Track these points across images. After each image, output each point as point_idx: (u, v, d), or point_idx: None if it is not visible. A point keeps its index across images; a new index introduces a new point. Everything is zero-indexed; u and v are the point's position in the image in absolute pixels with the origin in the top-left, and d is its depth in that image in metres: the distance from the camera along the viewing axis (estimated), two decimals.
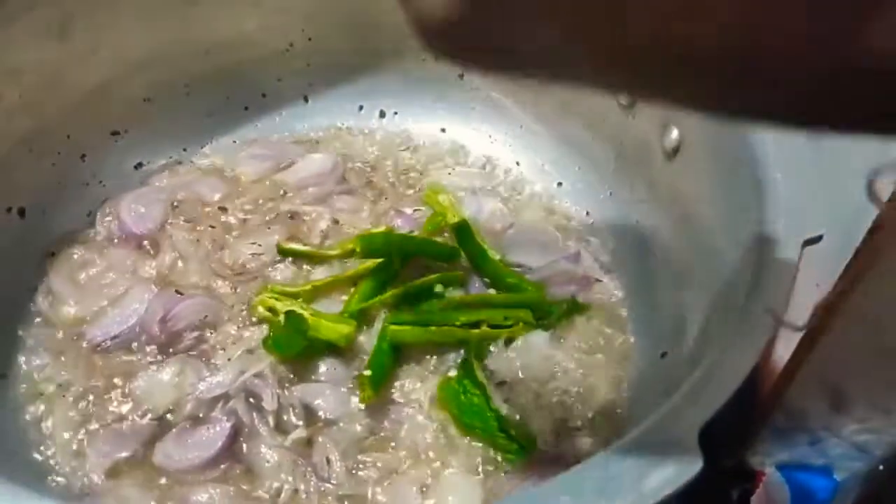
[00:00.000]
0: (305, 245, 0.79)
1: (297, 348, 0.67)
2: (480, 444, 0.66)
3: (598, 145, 0.85)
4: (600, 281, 0.80)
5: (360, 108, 0.93)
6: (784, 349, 0.69)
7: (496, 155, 0.91)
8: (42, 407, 0.67)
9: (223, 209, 0.83)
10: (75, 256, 0.78)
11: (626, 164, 0.82)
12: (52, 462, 0.64)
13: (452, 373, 0.70)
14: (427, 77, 0.92)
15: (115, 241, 0.79)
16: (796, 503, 0.74)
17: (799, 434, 0.74)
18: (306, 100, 0.93)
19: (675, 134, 0.73)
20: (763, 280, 0.54)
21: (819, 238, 0.55)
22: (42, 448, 0.65)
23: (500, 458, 0.65)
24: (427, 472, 0.64)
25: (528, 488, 0.60)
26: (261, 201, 0.84)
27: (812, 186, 0.58)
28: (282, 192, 0.86)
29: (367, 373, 0.67)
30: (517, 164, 0.91)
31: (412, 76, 0.92)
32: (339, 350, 0.69)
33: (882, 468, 0.70)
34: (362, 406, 0.67)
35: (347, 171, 0.88)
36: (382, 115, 0.93)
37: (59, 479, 0.63)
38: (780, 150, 0.60)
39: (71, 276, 0.76)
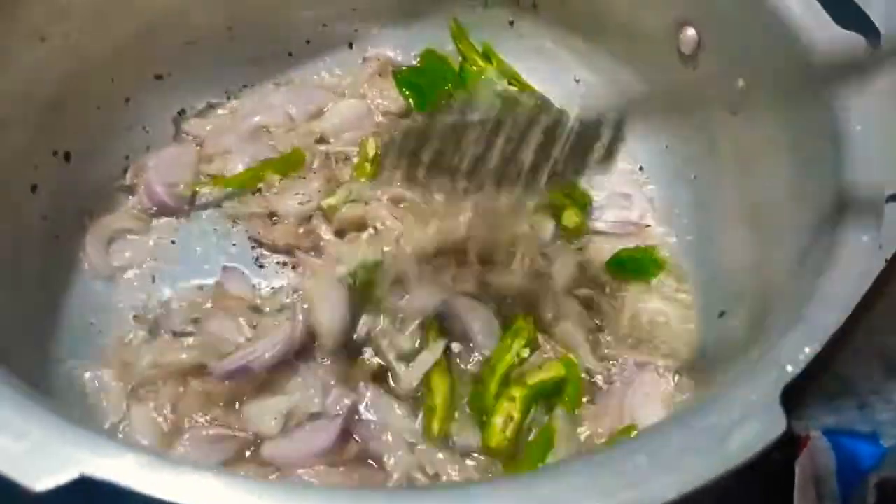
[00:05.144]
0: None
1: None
2: None
3: (655, 97, 0.80)
4: (649, 226, 0.79)
5: (407, 54, 0.90)
6: None
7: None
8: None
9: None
10: (115, 226, 0.77)
11: (684, 117, 0.78)
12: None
13: None
14: (476, 24, 0.89)
15: (153, 211, 0.78)
16: (841, 469, 0.73)
17: (847, 399, 0.73)
18: (351, 46, 0.90)
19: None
20: (840, 239, 0.51)
21: None
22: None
23: None
24: None
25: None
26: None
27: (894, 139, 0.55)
28: (316, 139, 0.84)
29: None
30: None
31: (460, 22, 0.89)
32: None
33: None
34: None
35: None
36: None
37: None
38: (861, 100, 0.57)
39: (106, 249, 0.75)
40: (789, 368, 0.42)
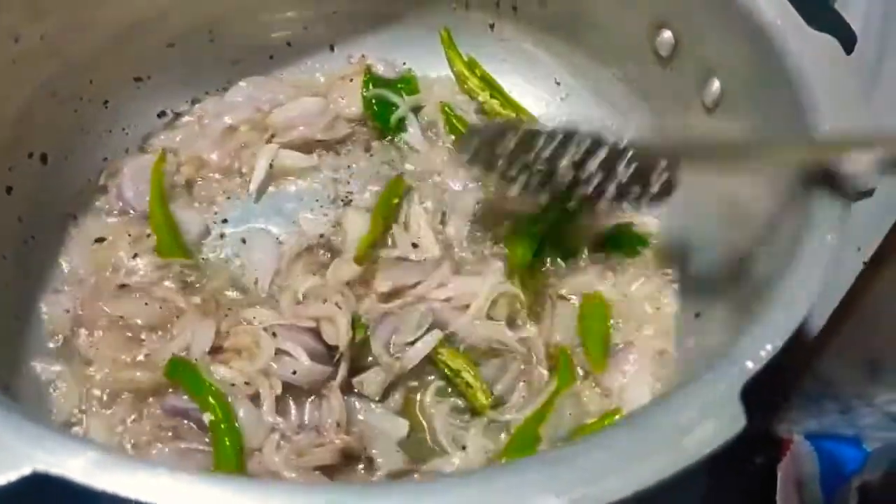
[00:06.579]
0: None
1: None
2: None
3: (634, 99, 0.82)
4: None
5: (387, 57, 0.90)
6: (817, 315, 0.67)
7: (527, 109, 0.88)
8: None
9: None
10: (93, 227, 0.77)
11: (663, 118, 0.79)
12: None
13: None
14: (456, 26, 0.90)
15: (129, 214, 0.78)
16: (825, 473, 0.73)
17: (830, 402, 0.73)
18: (332, 49, 0.90)
19: (716, 86, 0.70)
20: (805, 238, 0.51)
21: (871, 192, 0.52)
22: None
23: None
24: None
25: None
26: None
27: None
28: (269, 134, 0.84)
29: None
30: (547, 118, 0.87)
31: (441, 25, 0.90)
32: None
33: None
34: None
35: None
36: (405, 64, 0.90)
37: None
38: (832, 99, 0.57)
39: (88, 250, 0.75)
40: (749, 366, 0.42)
